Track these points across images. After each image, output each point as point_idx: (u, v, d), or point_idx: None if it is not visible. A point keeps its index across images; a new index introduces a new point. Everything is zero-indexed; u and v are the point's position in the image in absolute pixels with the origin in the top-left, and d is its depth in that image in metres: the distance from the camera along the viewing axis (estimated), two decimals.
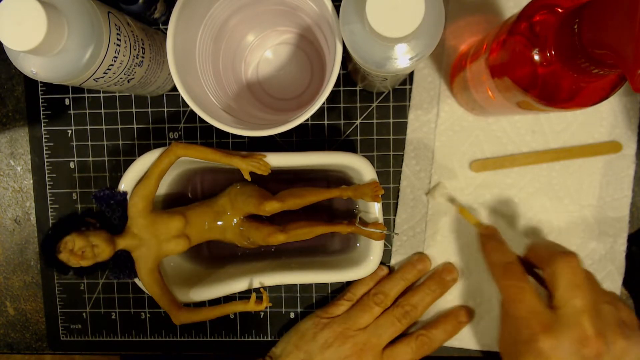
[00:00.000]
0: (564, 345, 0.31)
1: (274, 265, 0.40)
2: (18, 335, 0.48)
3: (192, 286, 0.39)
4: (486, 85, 0.33)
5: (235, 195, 0.38)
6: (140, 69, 0.36)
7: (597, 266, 0.43)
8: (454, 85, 0.41)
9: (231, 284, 0.39)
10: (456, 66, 0.40)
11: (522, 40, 0.26)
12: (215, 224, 0.38)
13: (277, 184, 0.40)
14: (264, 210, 0.36)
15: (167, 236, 0.36)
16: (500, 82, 0.30)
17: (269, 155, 0.37)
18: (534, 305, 0.33)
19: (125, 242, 0.36)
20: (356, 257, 0.39)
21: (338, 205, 0.43)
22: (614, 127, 0.42)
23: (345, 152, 0.38)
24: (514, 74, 0.28)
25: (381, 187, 0.37)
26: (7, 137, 0.46)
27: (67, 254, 0.33)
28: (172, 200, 0.41)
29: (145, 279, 0.36)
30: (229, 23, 0.40)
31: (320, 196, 0.38)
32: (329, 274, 0.39)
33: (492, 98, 0.33)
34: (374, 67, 0.29)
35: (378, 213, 0.38)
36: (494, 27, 0.32)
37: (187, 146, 0.36)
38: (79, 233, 0.34)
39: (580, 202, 0.42)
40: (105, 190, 0.36)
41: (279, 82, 0.44)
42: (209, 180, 0.42)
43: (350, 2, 0.28)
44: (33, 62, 0.30)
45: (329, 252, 0.42)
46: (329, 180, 0.42)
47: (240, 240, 0.38)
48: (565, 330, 0.32)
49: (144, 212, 0.36)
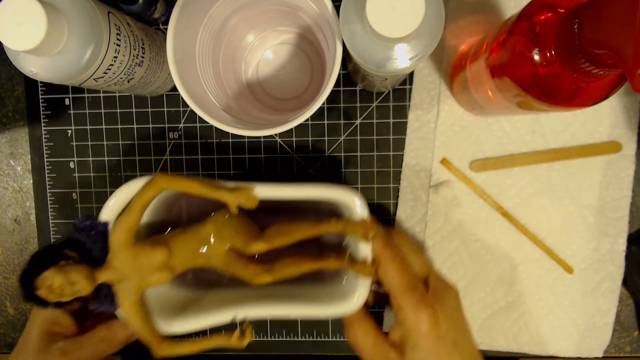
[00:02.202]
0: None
1: (260, 295, 0.39)
2: (18, 335, 0.48)
3: (176, 315, 0.38)
4: (486, 85, 0.33)
5: (222, 225, 0.37)
6: (140, 69, 0.36)
7: (597, 266, 0.43)
8: (454, 85, 0.41)
9: (215, 315, 0.37)
10: (456, 66, 0.40)
11: (522, 40, 0.26)
12: (200, 252, 0.37)
13: (264, 213, 0.38)
14: (250, 250, 0.35)
15: (150, 269, 0.35)
16: (500, 82, 0.30)
17: (257, 187, 0.36)
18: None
19: (106, 276, 0.34)
20: (342, 291, 0.38)
21: (327, 238, 0.41)
22: (614, 127, 0.42)
23: (337, 186, 0.36)
24: (514, 73, 0.28)
25: (373, 226, 0.35)
26: (7, 137, 0.46)
27: (45, 291, 0.32)
28: (156, 224, 0.40)
29: (127, 312, 0.35)
30: (229, 23, 0.40)
31: (309, 232, 0.36)
32: (314, 307, 0.37)
33: (492, 98, 0.33)
34: (374, 67, 0.29)
35: (368, 252, 0.36)
36: (494, 27, 0.32)
37: (171, 179, 0.35)
38: (58, 269, 0.32)
39: (580, 202, 0.42)
40: (87, 220, 0.35)
41: (279, 82, 0.44)
42: (194, 203, 0.41)
43: (350, 2, 0.28)
44: (33, 62, 0.30)
45: (316, 284, 0.41)
46: (319, 211, 0.41)
47: (225, 269, 0.37)
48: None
49: (126, 245, 0.35)
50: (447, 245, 0.43)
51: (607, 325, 0.43)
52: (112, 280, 0.35)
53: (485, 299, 0.43)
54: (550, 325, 0.43)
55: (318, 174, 0.44)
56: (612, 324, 0.43)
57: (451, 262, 0.43)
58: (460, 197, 0.43)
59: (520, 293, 0.43)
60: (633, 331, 0.44)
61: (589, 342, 0.43)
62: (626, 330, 0.44)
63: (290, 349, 0.46)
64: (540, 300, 0.43)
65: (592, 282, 0.43)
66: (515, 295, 0.43)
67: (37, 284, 0.32)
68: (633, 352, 0.44)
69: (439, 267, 0.44)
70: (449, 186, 0.43)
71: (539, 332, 0.43)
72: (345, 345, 0.46)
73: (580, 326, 0.43)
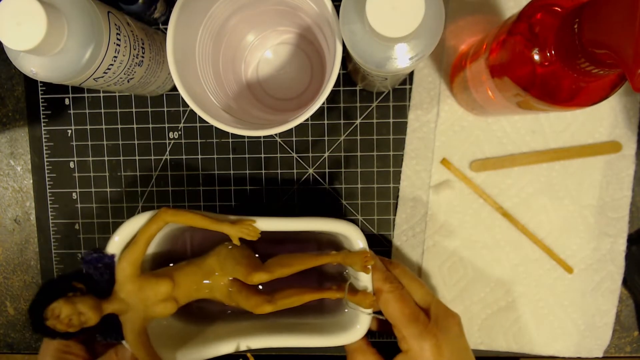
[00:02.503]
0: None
1: (262, 326, 0.40)
2: (18, 335, 0.48)
3: (180, 347, 0.39)
4: (486, 85, 0.33)
5: (224, 257, 0.38)
6: (140, 69, 0.36)
7: (597, 266, 0.43)
8: (454, 85, 0.41)
9: (218, 346, 0.39)
10: (456, 66, 0.40)
11: (522, 40, 0.26)
12: (204, 284, 0.38)
13: (266, 243, 0.40)
14: (251, 281, 0.36)
15: (155, 300, 0.36)
16: (500, 82, 0.30)
17: (258, 220, 0.37)
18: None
19: (112, 307, 0.36)
20: (344, 322, 0.39)
21: (328, 266, 0.42)
22: (614, 127, 0.42)
23: (335, 220, 0.38)
24: (514, 73, 0.28)
25: (371, 258, 0.36)
26: (7, 137, 0.46)
27: (53, 321, 0.33)
28: (161, 256, 0.41)
29: (132, 343, 0.36)
30: (229, 23, 0.40)
31: (310, 264, 0.37)
32: (316, 338, 0.38)
33: (492, 98, 0.33)
34: (374, 67, 0.29)
35: (368, 282, 0.37)
36: (494, 27, 0.32)
37: (175, 212, 0.36)
38: (65, 300, 0.34)
39: (580, 202, 0.42)
40: (93, 253, 0.37)
41: (279, 82, 0.44)
42: (198, 236, 0.42)
43: (350, 2, 0.28)
44: (33, 62, 0.30)
45: (318, 314, 0.42)
46: (320, 241, 0.42)
47: (228, 301, 0.38)
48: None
49: (132, 277, 0.36)
50: (447, 245, 0.43)
51: (607, 325, 0.43)
52: (118, 311, 0.36)
53: (485, 299, 0.43)
54: (550, 325, 0.43)
55: (318, 174, 0.45)
56: (612, 324, 0.43)
57: (451, 262, 0.43)
58: (460, 197, 0.43)
59: (520, 293, 0.43)
60: (633, 331, 0.44)
61: (589, 342, 0.43)
62: (626, 330, 0.44)
63: (290, 349, 0.46)
64: (540, 300, 0.43)
65: (592, 282, 0.43)
66: (515, 295, 0.43)
67: (45, 315, 0.33)
68: (633, 352, 0.44)
69: (439, 267, 0.44)
70: (449, 186, 0.43)
71: (539, 332, 0.43)
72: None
73: (580, 326, 0.43)
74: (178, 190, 0.45)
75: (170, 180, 0.45)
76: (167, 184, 0.45)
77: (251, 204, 0.45)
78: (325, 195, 0.45)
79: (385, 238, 0.44)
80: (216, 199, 0.45)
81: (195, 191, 0.45)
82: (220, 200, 0.45)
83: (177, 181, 0.45)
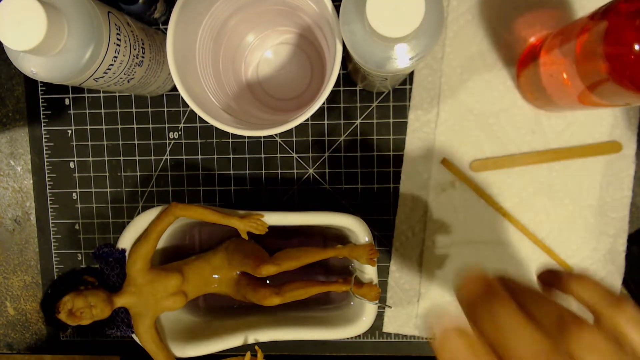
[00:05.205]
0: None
1: (270, 320, 0.41)
2: (18, 335, 0.48)
3: (188, 340, 0.40)
4: (563, 70, 0.33)
5: (232, 251, 0.39)
6: (140, 69, 0.36)
7: (597, 266, 0.43)
8: (521, 75, 0.40)
9: (227, 339, 0.39)
10: (526, 56, 0.40)
11: (623, 22, 0.26)
12: (212, 278, 0.39)
13: (273, 238, 0.40)
14: (260, 273, 0.37)
15: (165, 294, 0.37)
16: (586, 66, 0.29)
17: (266, 215, 0.38)
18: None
19: (123, 301, 0.36)
20: (350, 315, 0.40)
21: (334, 261, 0.43)
22: (614, 127, 0.42)
23: (341, 214, 0.38)
24: (610, 54, 0.27)
25: (376, 251, 0.37)
26: (7, 137, 0.47)
27: (65, 314, 0.34)
28: (170, 251, 0.41)
29: (142, 336, 0.37)
30: (229, 23, 0.40)
31: (316, 257, 0.38)
32: (323, 331, 0.39)
33: (568, 84, 0.33)
34: (374, 67, 0.29)
35: (373, 274, 0.39)
36: (580, 15, 0.32)
37: (185, 207, 0.37)
38: (77, 293, 0.35)
39: (580, 202, 0.42)
40: (104, 247, 0.38)
41: (279, 82, 0.44)
42: (206, 231, 0.43)
43: (350, 2, 0.28)
44: (33, 62, 0.30)
45: (324, 307, 0.43)
46: (326, 235, 0.43)
47: (236, 295, 0.39)
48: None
49: (142, 271, 0.37)
50: (447, 245, 0.43)
51: None
52: (128, 305, 0.37)
53: None
54: None
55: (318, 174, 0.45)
56: None
57: (451, 262, 0.43)
58: (461, 197, 0.43)
59: None
60: None
61: None
62: None
63: (291, 349, 0.46)
64: None
65: None
66: None
67: (57, 308, 0.34)
68: None
69: (439, 267, 0.44)
70: (449, 186, 0.43)
71: None
72: (346, 345, 0.46)
73: None
74: (178, 190, 0.45)
75: (171, 180, 0.45)
76: (167, 184, 0.45)
77: (251, 204, 0.45)
78: (325, 195, 0.45)
79: (385, 238, 0.44)
80: (216, 199, 0.45)
81: (196, 191, 0.45)
82: (220, 201, 0.45)
83: (177, 181, 0.45)
